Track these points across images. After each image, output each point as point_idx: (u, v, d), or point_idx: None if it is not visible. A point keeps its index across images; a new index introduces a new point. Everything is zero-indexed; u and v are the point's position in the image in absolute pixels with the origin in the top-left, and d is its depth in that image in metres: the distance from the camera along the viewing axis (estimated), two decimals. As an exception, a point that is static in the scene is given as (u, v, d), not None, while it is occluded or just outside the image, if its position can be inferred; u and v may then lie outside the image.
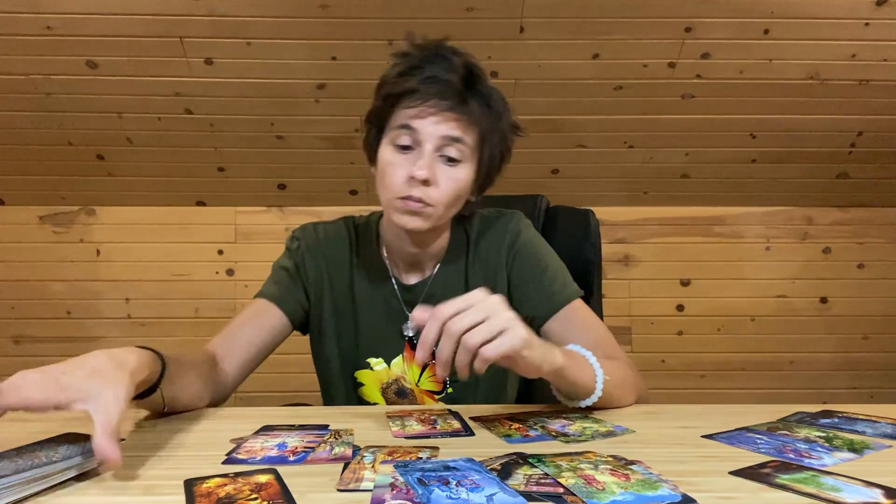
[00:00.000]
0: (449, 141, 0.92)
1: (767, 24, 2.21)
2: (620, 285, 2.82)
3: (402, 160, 0.93)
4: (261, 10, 2.13)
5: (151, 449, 0.69)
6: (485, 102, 0.94)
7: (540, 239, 1.08)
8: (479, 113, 0.93)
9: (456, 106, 0.91)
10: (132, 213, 2.76)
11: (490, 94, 0.95)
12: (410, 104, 0.92)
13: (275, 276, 1.08)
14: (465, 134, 0.93)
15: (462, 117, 0.92)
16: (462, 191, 0.96)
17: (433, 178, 0.91)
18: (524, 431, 0.75)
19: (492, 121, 0.95)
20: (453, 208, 0.97)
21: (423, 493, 0.52)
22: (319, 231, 1.10)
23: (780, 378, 2.84)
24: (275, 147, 2.56)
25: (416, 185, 0.91)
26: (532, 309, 1.01)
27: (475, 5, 2.13)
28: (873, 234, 2.86)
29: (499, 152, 0.98)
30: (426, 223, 0.94)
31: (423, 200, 0.92)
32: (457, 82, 0.91)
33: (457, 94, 0.91)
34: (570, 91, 2.39)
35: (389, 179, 0.94)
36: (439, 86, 0.91)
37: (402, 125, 0.93)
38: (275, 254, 1.12)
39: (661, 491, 0.53)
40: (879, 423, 0.77)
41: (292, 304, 1.05)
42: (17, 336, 2.74)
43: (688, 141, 2.59)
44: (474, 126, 0.94)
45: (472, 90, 0.93)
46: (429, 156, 0.91)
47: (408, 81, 0.92)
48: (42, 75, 2.29)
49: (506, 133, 0.98)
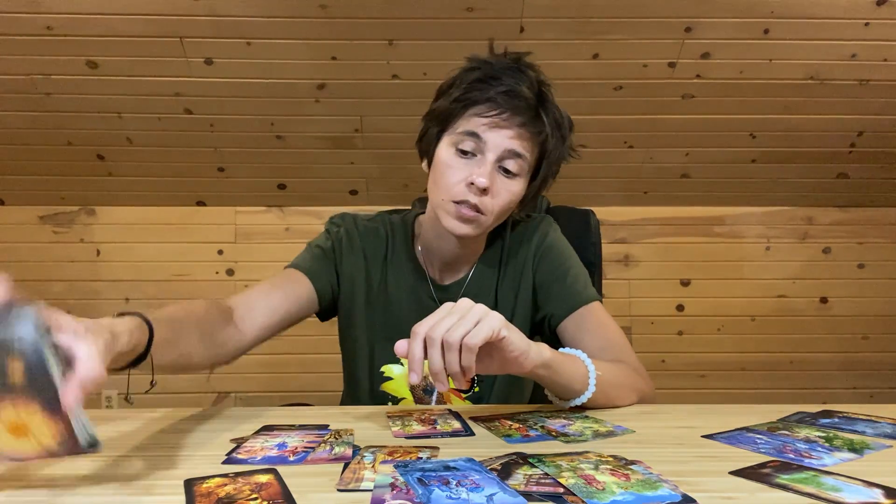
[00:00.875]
0: (512, 154, 0.93)
1: (767, 24, 2.21)
2: (620, 285, 2.82)
3: (462, 165, 0.93)
4: (261, 10, 2.13)
5: (151, 449, 0.69)
6: (555, 123, 0.95)
7: (565, 242, 1.10)
8: (547, 132, 0.94)
9: (528, 122, 0.92)
10: (132, 213, 2.76)
11: (561, 116, 0.97)
12: (484, 113, 0.92)
13: (309, 253, 1.08)
14: (528, 151, 0.94)
15: (531, 134, 0.93)
16: (514, 203, 0.97)
17: (492, 188, 0.93)
18: (524, 431, 0.75)
19: (556, 142, 0.97)
20: (501, 218, 0.99)
21: (423, 493, 0.52)
22: (359, 222, 1.11)
23: (780, 378, 2.84)
24: (275, 147, 2.56)
25: (474, 191, 0.92)
26: (552, 307, 1.03)
27: (475, 5, 2.13)
28: (873, 234, 2.86)
29: (553, 172, 1.00)
30: (476, 231, 0.96)
31: (478, 208, 0.93)
32: (532, 99, 0.92)
33: (531, 109, 0.92)
34: (570, 91, 2.39)
35: (447, 181, 0.94)
36: (516, 100, 0.91)
37: (470, 132, 0.93)
38: (275, 254, 1.12)
39: (661, 491, 0.53)
40: (879, 423, 0.77)
41: (324, 282, 1.05)
42: (17, 336, 2.73)
43: (688, 141, 2.59)
44: (539, 144, 0.95)
45: (545, 109, 0.94)
46: (490, 165, 0.92)
47: (484, 90, 0.92)
48: (42, 75, 2.29)
49: (563, 155, 1.00)
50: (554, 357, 0.79)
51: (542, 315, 1.05)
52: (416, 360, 0.70)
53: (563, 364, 0.80)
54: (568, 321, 1.01)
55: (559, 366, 0.80)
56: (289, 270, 1.04)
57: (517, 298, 1.06)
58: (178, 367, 0.79)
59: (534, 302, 1.06)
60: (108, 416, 0.95)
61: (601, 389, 0.84)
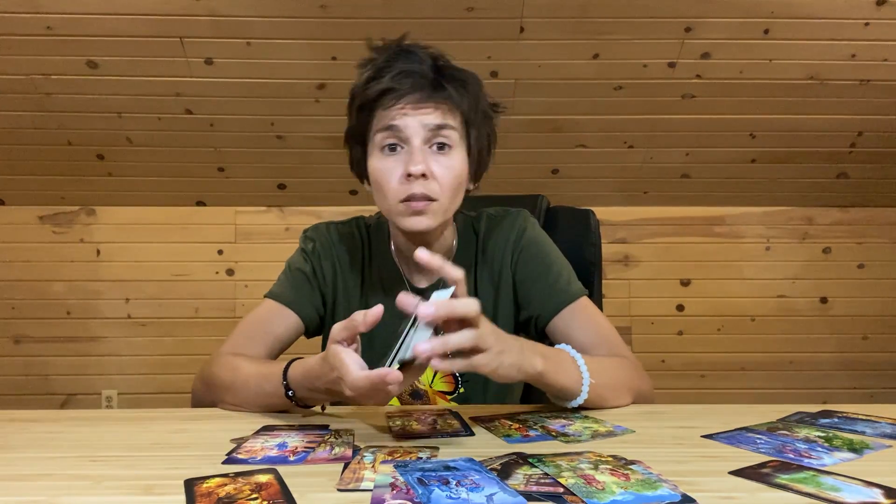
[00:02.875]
0: (435, 130, 0.90)
1: (767, 24, 2.21)
2: (620, 285, 2.82)
3: (394, 162, 0.91)
4: (261, 10, 2.13)
5: (151, 449, 0.69)
6: (461, 84, 0.92)
7: (545, 236, 1.06)
8: (457, 96, 0.91)
9: (433, 93, 0.90)
10: (132, 213, 2.76)
11: (464, 76, 0.93)
12: (388, 104, 0.90)
13: (291, 279, 1.05)
14: (448, 119, 0.91)
15: (441, 103, 0.90)
16: (460, 177, 0.93)
17: (429, 170, 0.89)
18: (524, 431, 0.75)
19: (471, 102, 0.93)
20: (456, 199, 0.95)
21: (423, 493, 0.52)
22: (332, 232, 1.08)
23: (780, 378, 2.84)
24: (275, 147, 2.56)
25: (414, 181, 0.89)
26: (537, 307, 1.00)
27: (475, 5, 2.13)
28: (873, 234, 2.86)
29: (485, 133, 0.97)
30: (434, 220, 0.92)
31: (426, 196, 0.89)
32: (428, 71, 0.90)
33: (431, 81, 0.90)
34: (570, 91, 2.39)
35: (387, 184, 0.91)
36: (412, 78, 0.89)
37: (385, 127, 0.90)
38: (275, 254, 1.11)
39: (661, 491, 0.53)
40: (879, 423, 0.77)
41: (308, 309, 1.03)
42: (17, 336, 2.74)
43: (688, 141, 2.59)
44: (456, 109, 0.92)
45: (444, 75, 0.91)
46: (419, 150, 0.89)
47: (379, 83, 0.90)
48: (42, 75, 2.29)
49: (487, 112, 0.97)
50: (545, 369, 0.77)
51: (528, 316, 1.02)
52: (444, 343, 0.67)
53: (553, 375, 0.79)
54: (556, 320, 0.98)
55: (550, 377, 0.79)
56: (271, 305, 1.02)
57: (498, 298, 1.04)
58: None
59: (515, 301, 1.04)
60: (108, 416, 0.95)
61: (594, 394, 0.83)
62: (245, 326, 1.01)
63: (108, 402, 2.73)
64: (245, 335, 1.00)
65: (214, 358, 0.96)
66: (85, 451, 0.68)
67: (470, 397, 1.05)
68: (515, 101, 2.41)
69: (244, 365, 0.90)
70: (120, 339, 2.75)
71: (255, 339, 0.99)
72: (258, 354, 0.98)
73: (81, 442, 0.74)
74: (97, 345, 2.74)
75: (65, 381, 2.74)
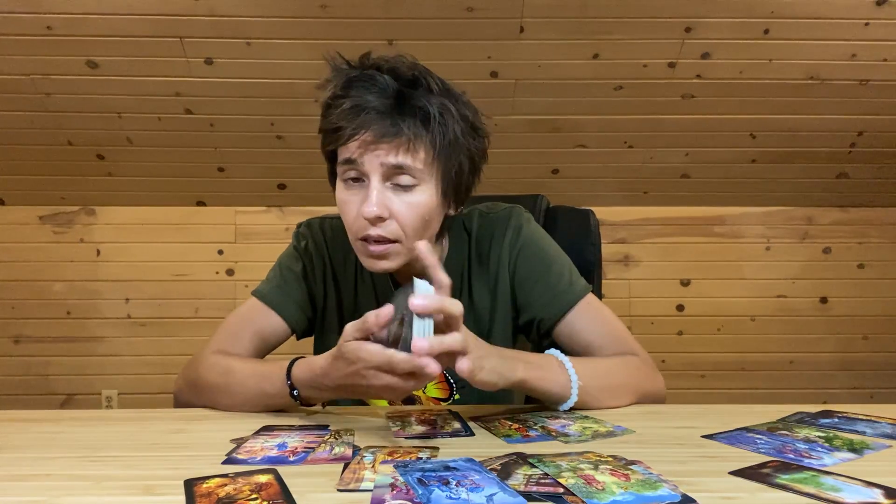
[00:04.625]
0: (394, 169, 0.82)
1: (767, 24, 2.21)
2: (620, 285, 2.82)
3: (354, 196, 0.84)
4: (261, 10, 2.13)
5: (151, 449, 0.69)
6: (424, 117, 0.82)
7: (542, 233, 1.02)
8: (419, 131, 0.82)
9: (389, 131, 0.80)
10: (132, 213, 2.76)
11: (428, 104, 0.82)
12: (348, 138, 0.82)
13: (280, 278, 1.03)
14: (409, 158, 0.82)
15: (400, 142, 0.81)
16: (428, 213, 0.85)
17: (385, 212, 0.82)
18: (524, 431, 0.75)
19: (441, 133, 0.83)
20: (426, 232, 0.87)
21: (423, 493, 0.52)
22: (326, 229, 1.06)
23: (780, 378, 2.84)
24: (275, 147, 2.56)
25: (370, 224, 0.83)
26: (539, 310, 0.97)
27: (475, 5, 2.13)
28: (873, 234, 2.86)
29: (466, 159, 0.87)
30: (394, 262, 0.86)
31: (384, 238, 0.83)
32: (386, 105, 0.81)
33: (389, 117, 0.81)
34: (570, 91, 2.39)
35: (347, 219, 0.86)
36: (364, 114, 0.81)
37: (345, 160, 0.84)
38: (275, 254, 1.10)
39: (661, 491, 0.53)
40: (879, 423, 0.77)
41: (294, 311, 1.01)
42: (17, 336, 2.74)
43: (688, 141, 2.59)
44: (419, 146, 0.82)
45: (405, 107, 0.82)
46: (376, 190, 0.82)
47: (329, 118, 0.85)
48: (42, 75, 2.29)
49: (463, 138, 0.85)
50: (526, 377, 0.77)
51: (529, 318, 0.98)
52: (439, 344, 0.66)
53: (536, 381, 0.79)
54: (563, 324, 0.95)
55: (533, 383, 0.79)
56: (257, 305, 1.00)
57: (495, 301, 1.00)
58: None
59: (514, 303, 1.00)
60: (108, 416, 0.95)
61: (585, 396, 0.83)
62: (229, 325, 1.00)
63: (108, 402, 2.73)
64: (230, 333, 0.98)
65: (200, 359, 0.94)
66: (85, 451, 0.68)
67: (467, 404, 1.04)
68: (515, 101, 2.41)
69: (238, 366, 0.89)
70: (120, 339, 2.75)
71: (240, 337, 0.98)
72: (245, 353, 0.96)
73: (81, 442, 0.74)
74: (97, 345, 2.74)
75: (65, 381, 2.74)
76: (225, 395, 0.88)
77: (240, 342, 0.98)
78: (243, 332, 0.99)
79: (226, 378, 0.88)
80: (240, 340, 0.98)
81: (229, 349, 0.96)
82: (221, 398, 0.89)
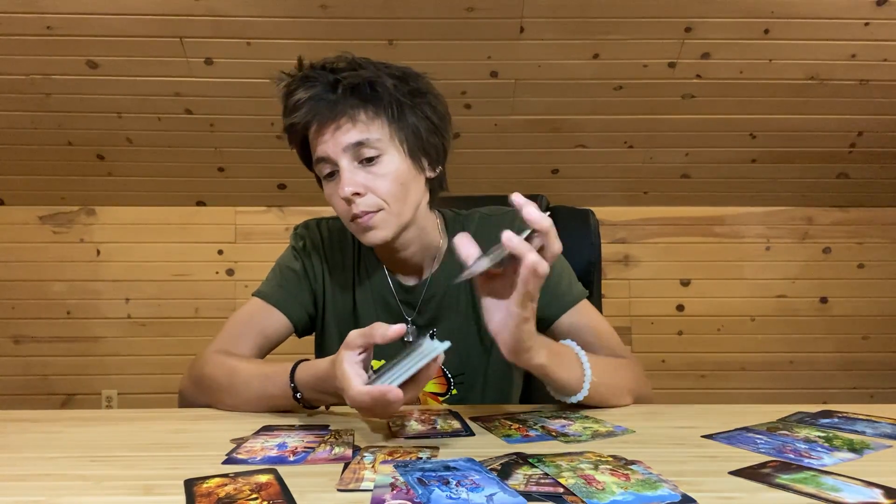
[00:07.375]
0: (353, 147, 0.89)
1: (767, 24, 2.21)
2: (620, 285, 2.82)
3: (335, 187, 0.92)
4: (261, 10, 2.13)
5: (151, 449, 0.69)
6: (365, 88, 0.89)
7: None
8: (363, 103, 0.89)
9: (334, 115, 0.88)
10: (132, 213, 2.76)
11: (365, 77, 0.89)
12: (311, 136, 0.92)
13: (280, 277, 1.04)
14: (364, 132, 0.89)
15: (350, 118, 0.88)
16: (401, 177, 0.91)
17: (360, 188, 0.89)
18: (524, 431, 0.75)
19: (386, 98, 0.89)
20: (409, 198, 0.93)
21: (423, 493, 0.52)
22: (323, 229, 1.08)
23: (780, 378, 2.84)
24: (275, 147, 2.55)
25: (352, 203, 0.89)
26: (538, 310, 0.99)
27: (475, 5, 2.13)
28: (873, 234, 2.86)
29: (421, 119, 0.92)
30: (388, 231, 0.92)
31: (367, 211, 0.90)
32: (325, 91, 0.89)
33: (330, 102, 0.88)
34: (570, 91, 2.39)
35: (336, 210, 0.94)
36: (309, 105, 0.89)
37: (318, 159, 0.93)
38: (275, 254, 1.11)
39: (661, 491, 0.53)
40: (879, 423, 0.77)
41: (297, 309, 1.03)
42: (17, 336, 2.74)
43: (688, 141, 2.59)
44: (369, 118, 0.89)
45: (344, 88, 0.88)
46: (346, 172, 0.89)
47: (287, 118, 0.93)
48: (42, 75, 2.29)
49: (407, 99, 0.91)
50: (547, 363, 0.78)
51: None
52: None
53: (555, 369, 0.80)
54: (558, 324, 0.98)
55: (551, 370, 0.79)
56: (259, 304, 1.02)
57: None
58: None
59: None
60: (108, 417, 0.95)
61: (595, 392, 0.83)
62: (233, 325, 1.01)
63: (108, 402, 2.73)
64: (234, 334, 0.99)
65: (205, 358, 0.95)
66: (85, 451, 0.68)
67: (465, 400, 1.04)
68: (515, 101, 2.42)
69: (241, 366, 0.90)
70: (120, 339, 2.75)
71: (244, 337, 0.99)
72: (248, 353, 0.98)
73: (81, 442, 0.74)
74: (97, 345, 2.74)
75: (65, 381, 2.74)
76: (229, 396, 0.89)
77: (243, 342, 0.99)
78: (246, 332, 1.00)
79: (230, 379, 0.89)
80: (243, 340, 0.99)
81: (233, 349, 0.97)
82: (225, 398, 0.89)
